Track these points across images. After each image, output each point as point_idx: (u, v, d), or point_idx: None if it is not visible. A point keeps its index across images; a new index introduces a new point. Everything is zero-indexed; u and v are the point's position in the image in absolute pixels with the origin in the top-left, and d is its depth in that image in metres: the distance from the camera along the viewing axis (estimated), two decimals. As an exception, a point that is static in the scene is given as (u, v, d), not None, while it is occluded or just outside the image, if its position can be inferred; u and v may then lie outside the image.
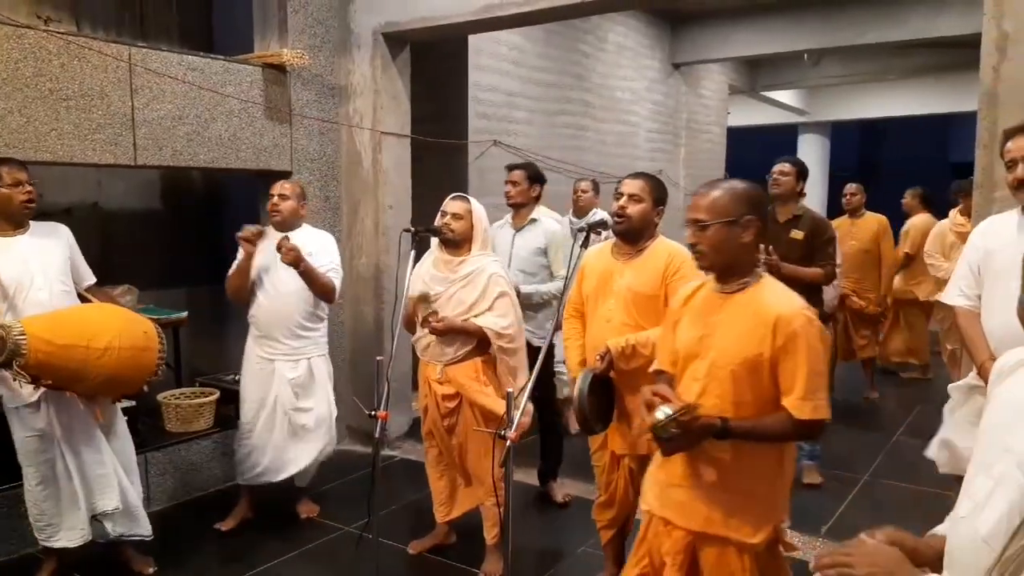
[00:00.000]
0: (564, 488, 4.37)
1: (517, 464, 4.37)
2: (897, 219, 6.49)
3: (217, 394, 4.59)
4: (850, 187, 6.12)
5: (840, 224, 5.76)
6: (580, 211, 5.25)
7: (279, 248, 3.59)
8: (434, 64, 5.93)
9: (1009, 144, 2.59)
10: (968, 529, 1.21)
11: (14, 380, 2.94)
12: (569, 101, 7.51)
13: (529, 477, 4.45)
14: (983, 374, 2.60)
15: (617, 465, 3.06)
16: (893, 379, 7.05)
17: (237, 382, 4.71)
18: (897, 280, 6.40)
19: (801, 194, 4.16)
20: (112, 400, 3.34)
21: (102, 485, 3.28)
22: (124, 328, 3.11)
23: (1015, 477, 1.15)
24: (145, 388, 3.27)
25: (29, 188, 3.17)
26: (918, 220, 6.54)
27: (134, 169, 4.24)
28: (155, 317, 3.69)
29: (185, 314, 4.72)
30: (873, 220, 5.97)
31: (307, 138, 4.91)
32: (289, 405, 3.90)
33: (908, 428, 5.62)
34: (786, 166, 4.21)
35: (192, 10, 5.38)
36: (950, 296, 2.85)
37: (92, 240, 4.22)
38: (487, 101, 6.38)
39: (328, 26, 4.99)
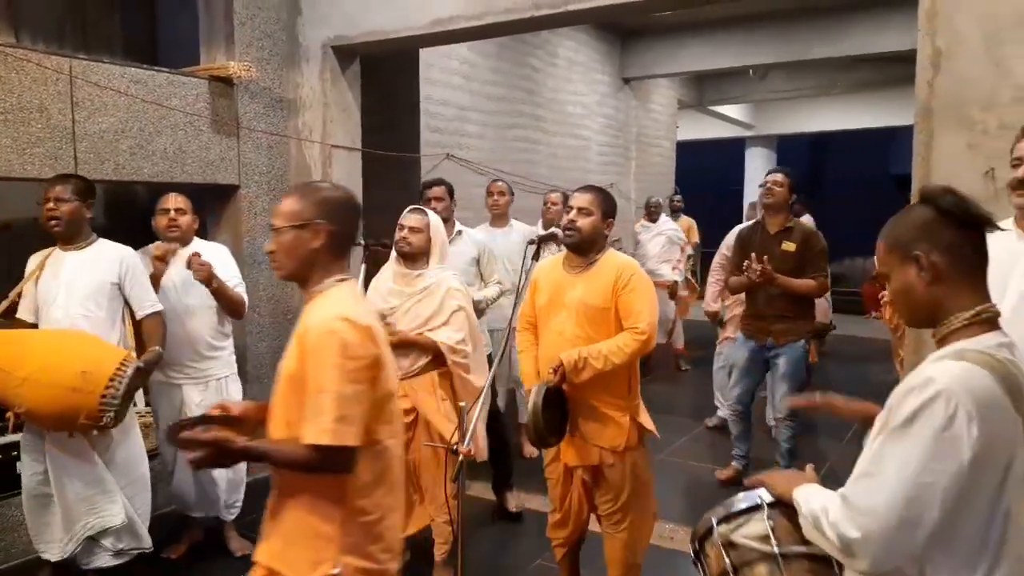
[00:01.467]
0: (518, 499, 4.36)
1: (474, 479, 4.39)
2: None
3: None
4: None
5: None
6: (549, 223, 5.26)
7: (189, 265, 3.44)
8: (385, 77, 5.91)
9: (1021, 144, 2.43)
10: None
11: None
12: (521, 115, 7.55)
13: (486, 492, 4.43)
14: None
15: (570, 477, 3.07)
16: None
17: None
18: None
19: (793, 205, 4.20)
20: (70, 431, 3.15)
21: (99, 504, 3.22)
22: (54, 363, 2.95)
23: None
24: (95, 432, 3.09)
25: (51, 205, 3.18)
26: None
27: (75, 184, 4.14)
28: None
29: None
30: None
31: (255, 151, 4.85)
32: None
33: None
34: (779, 176, 4.22)
35: (136, 22, 5.29)
36: None
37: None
38: (439, 115, 6.38)
39: (276, 39, 4.95)
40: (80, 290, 3.21)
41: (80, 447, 3.20)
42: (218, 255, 3.75)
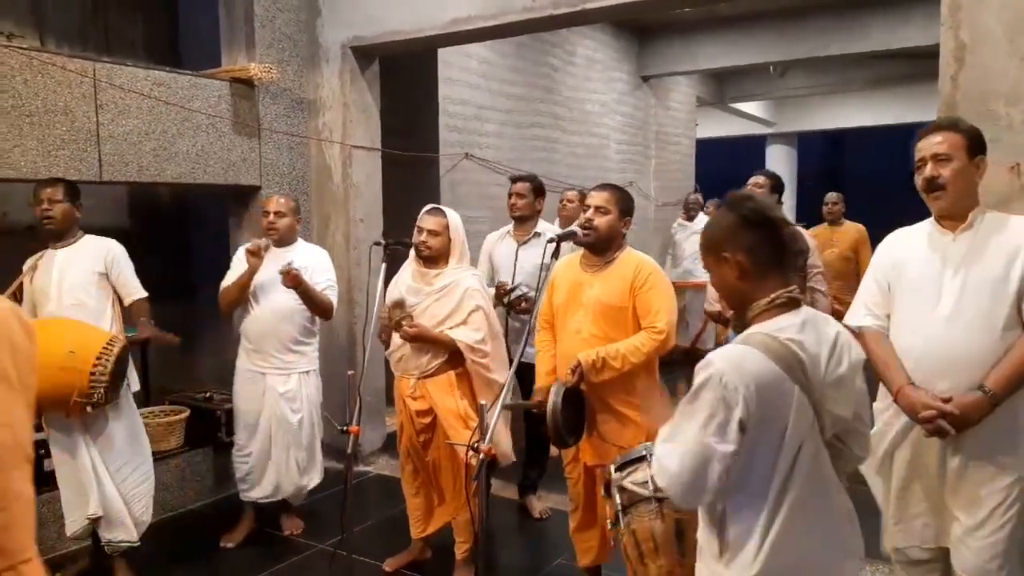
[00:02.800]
0: (542, 502, 4.35)
1: (497, 477, 4.40)
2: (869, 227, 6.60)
3: (187, 412, 4.52)
4: (831, 196, 6.25)
5: (820, 232, 5.94)
6: (566, 221, 5.23)
7: (283, 273, 3.60)
8: (404, 77, 5.94)
9: (920, 143, 2.46)
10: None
11: None
12: (539, 114, 7.54)
13: (508, 491, 4.44)
14: (901, 399, 2.33)
15: (590, 477, 3.06)
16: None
17: (208, 399, 4.69)
18: None
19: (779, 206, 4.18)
20: (65, 413, 3.22)
21: (84, 491, 3.34)
22: (43, 347, 2.98)
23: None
24: (89, 408, 3.16)
25: (46, 206, 3.36)
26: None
27: (100, 185, 4.19)
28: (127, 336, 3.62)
29: (176, 338, 4.64)
30: (852, 228, 6.08)
31: (276, 152, 4.89)
32: (282, 419, 3.88)
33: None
34: (760, 179, 4.19)
35: (157, 25, 5.35)
36: (856, 317, 2.51)
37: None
38: (457, 114, 6.39)
39: (296, 40, 4.98)
40: (70, 282, 3.40)
41: (70, 436, 3.32)
42: (315, 258, 3.94)
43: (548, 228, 4.40)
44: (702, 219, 7.66)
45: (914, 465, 2.42)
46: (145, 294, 3.57)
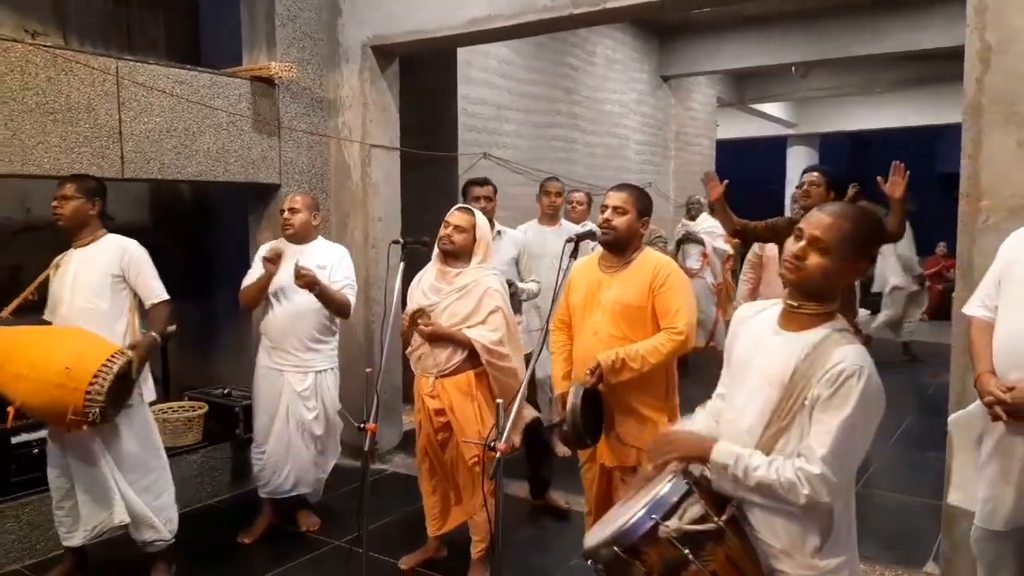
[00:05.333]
0: (561, 497, 4.35)
1: (512, 478, 4.40)
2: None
3: (206, 408, 4.56)
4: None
5: None
6: (572, 221, 5.25)
7: (296, 274, 3.59)
8: (423, 77, 5.94)
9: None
10: (735, 427, 1.90)
11: None
12: (558, 114, 7.53)
13: (522, 491, 4.43)
14: (977, 385, 2.53)
15: (606, 478, 3.04)
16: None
17: (227, 396, 4.72)
18: None
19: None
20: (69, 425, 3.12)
21: (105, 501, 3.29)
22: (41, 360, 3.00)
23: (763, 389, 1.83)
24: (85, 427, 3.06)
25: (56, 203, 3.30)
26: None
27: (122, 182, 4.23)
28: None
29: (173, 328, 4.67)
30: None
31: (296, 151, 4.91)
32: (299, 417, 3.90)
33: (902, 436, 5.63)
34: (814, 175, 4.09)
35: (179, 23, 5.39)
36: (972, 307, 2.69)
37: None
38: (476, 114, 6.39)
39: (316, 39, 5.00)
40: (84, 284, 3.29)
41: (86, 445, 3.24)
42: (334, 255, 3.93)
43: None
44: (704, 218, 7.60)
45: (999, 448, 2.54)
46: (165, 298, 3.43)
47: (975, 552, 2.69)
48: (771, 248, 5.33)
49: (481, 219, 3.44)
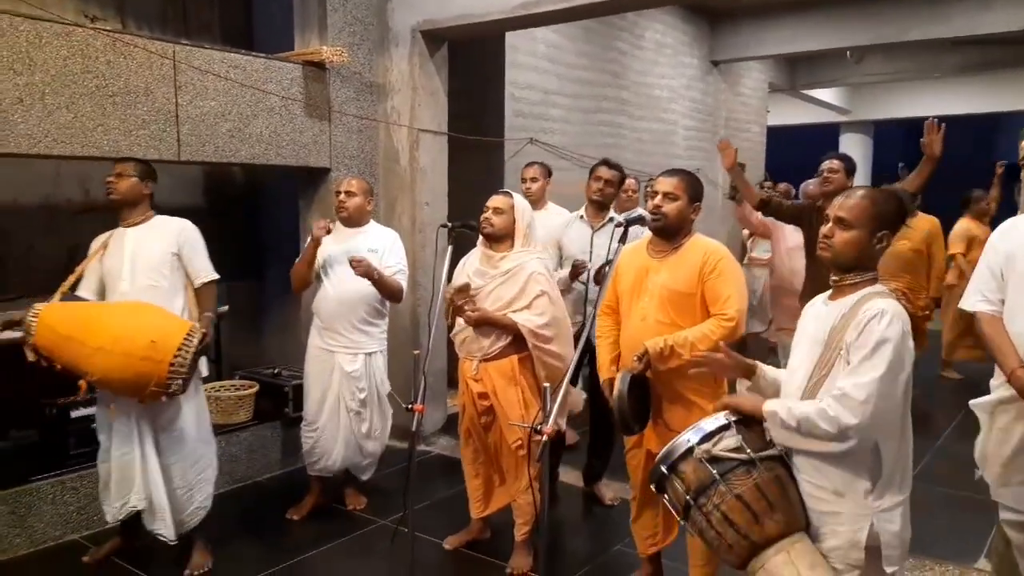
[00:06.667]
0: (610, 490, 4.34)
1: (561, 464, 4.41)
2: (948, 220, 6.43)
3: (257, 387, 4.65)
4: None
5: None
6: (623, 209, 5.20)
7: (351, 264, 3.66)
8: (471, 61, 5.95)
9: None
10: (788, 388, 2.19)
11: (31, 358, 3.15)
12: (606, 99, 7.47)
13: (571, 477, 4.45)
14: (1015, 382, 2.53)
15: (653, 464, 3.03)
16: (936, 380, 6.97)
17: (277, 375, 4.81)
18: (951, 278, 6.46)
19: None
20: (138, 398, 3.23)
21: (128, 481, 3.35)
22: (125, 334, 3.09)
23: (811, 349, 2.10)
24: (163, 399, 3.17)
25: (111, 179, 3.37)
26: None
27: (177, 165, 4.32)
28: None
29: (225, 308, 4.78)
30: (925, 221, 5.84)
31: (345, 135, 4.96)
32: (349, 397, 3.96)
33: (955, 431, 5.52)
34: (834, 162, 4.15)
35: (232, 8, 5.46)
36: (970, 302, 2.73)
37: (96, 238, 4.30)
38: (524, 99, 6.38)
39: (367, 24, 5.03)
40: (144, 262, 3.34)
41: (126, 424, 3.32)
42: (386, 240, 3.99)
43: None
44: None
45: None
46: (215, 277, 3.50)
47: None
48: (792, 237, 5.30)
49: (520, 201, 3.43)
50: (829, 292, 2.18)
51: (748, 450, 2.07)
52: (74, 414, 3.90)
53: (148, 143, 3.95)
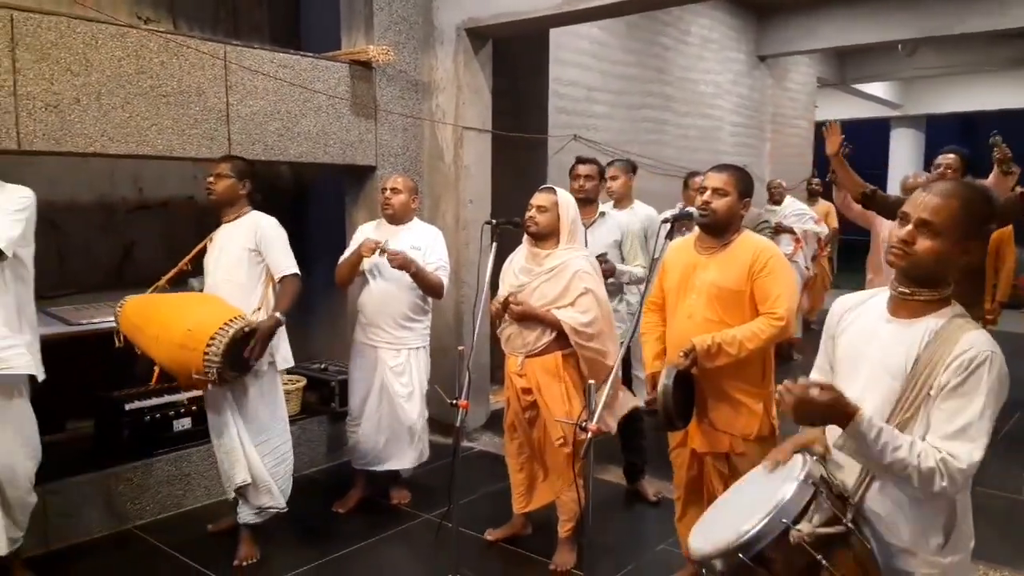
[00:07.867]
0: (652, 486, 4.32)
1: (602, 462, 4.39)
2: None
3: (303, 382, 4.73)
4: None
5: None
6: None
7: (388, 256, 3.72)
8: (515, 59, 5.95)
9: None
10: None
11: (119, 344, 3.39)
12: (650, 95, 7.42)
13: (610, 475, 4.43)
14: None
15: (699, 463, 3.01)
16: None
17: (324, 370, 4.88)
18: None
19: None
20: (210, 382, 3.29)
21: (232, 459, 3.48)
22: (169, 322, 3.24)
23: (882, 379, 1.79)
24: (209, 386, 3.28)
25: (211, 179, 3.53)
26: None
27: (228, 163, 4.39)
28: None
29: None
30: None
31: (391, 133, 5.00)
32: (393, 393, 4.00)
33: (1010, 432, 5.37)
34: (950, 157, 4.01)
35: (281, 8, 5.54)
36: None
37: (187, 232, 4.40)
38: (567, 95, 6.36)
39: (412, 23, 5.07)
40: (226, 257, 3.51)
41: (219, 404, 3.47)
42: (429, 237, 4.03)
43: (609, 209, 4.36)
44: (790, 202, 7.34)
45: None
46: (293, 271, 3.50)
47: None
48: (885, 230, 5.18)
49: (564, 197, 3.41)
50: (883, 303, 1.86)
51: (842, 519, 1.74)
52: (128, 406, 3.99)
53: (200, 142, 4.03)
